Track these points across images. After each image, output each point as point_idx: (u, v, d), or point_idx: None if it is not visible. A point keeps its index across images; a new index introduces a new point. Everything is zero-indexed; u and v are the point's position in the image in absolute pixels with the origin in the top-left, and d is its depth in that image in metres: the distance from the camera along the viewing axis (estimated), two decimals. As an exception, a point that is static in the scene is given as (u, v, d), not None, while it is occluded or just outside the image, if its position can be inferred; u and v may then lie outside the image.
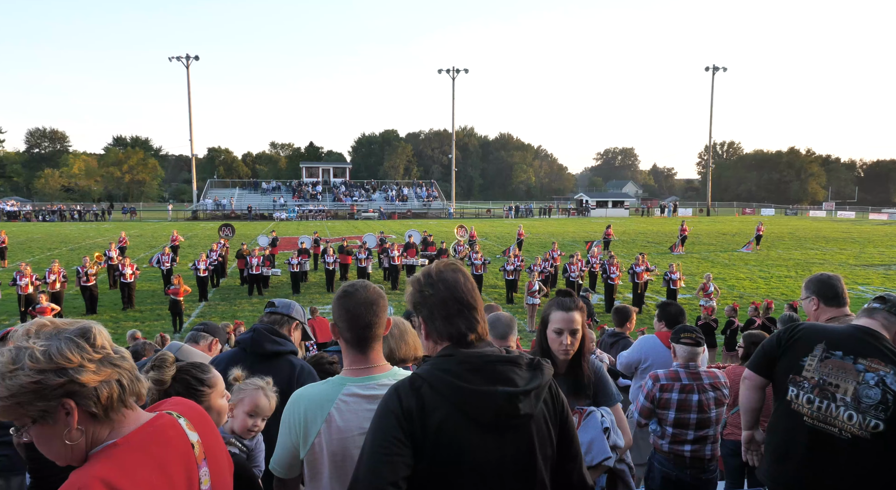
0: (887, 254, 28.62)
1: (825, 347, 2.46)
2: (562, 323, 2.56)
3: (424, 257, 21.24)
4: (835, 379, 2.40)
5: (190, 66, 60.47)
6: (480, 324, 1.69)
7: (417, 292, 1.73)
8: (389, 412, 1.54)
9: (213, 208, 58.16)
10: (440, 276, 1.72)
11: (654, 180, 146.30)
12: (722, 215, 66.99)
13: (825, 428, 2.39)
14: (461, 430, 1.51)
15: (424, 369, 1.60)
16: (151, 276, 20.14)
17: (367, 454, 1.51)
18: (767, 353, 2.67)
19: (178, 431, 1.37)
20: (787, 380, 2.52)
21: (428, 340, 1.72)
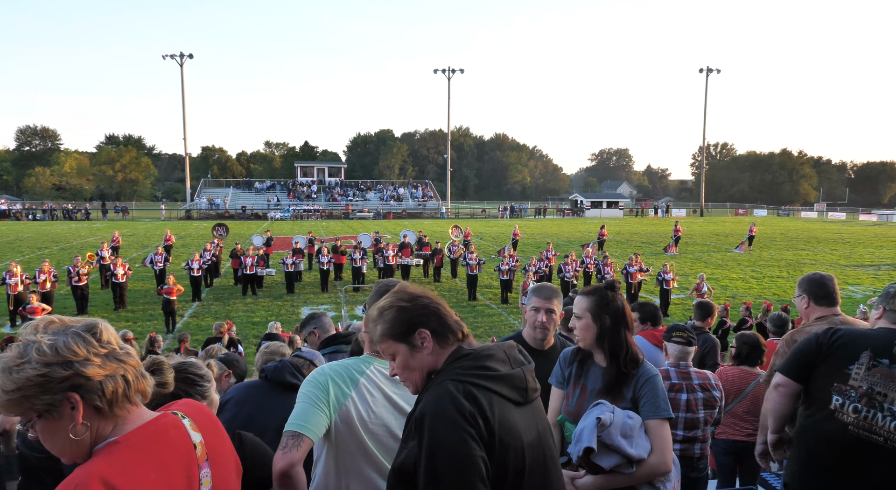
0: (877, 254, 28.83)
1: (871, 355, 2.37)
2: (538, 303, 2.90)
3: (419, 257, 21.25)
4: (883, 388, 2.33)
5: (184, 65, 60.25)
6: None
7: (415, 306, 1.68)
8: (456, 425, 1.45)
9: (206, 208, 57.93)
10: (410, 290, 1.74)
11: (649, 181, 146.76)
12: (715, 216, 67.28)
13: (869, 437, 2.32)
14: (510, 414, 1.56)
15: (456, 375, 1.57)
16: (144, 276, 20.05)
17: (448, 473, 1.42)
18: (806, 358, 2.55)
19: (181, 431, 1.38)
20: (832, 388, 2.42)
21: (443, 348, 1.66)
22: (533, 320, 2.94)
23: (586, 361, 2.54)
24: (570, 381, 2.54)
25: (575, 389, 2.51)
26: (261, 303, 17.05)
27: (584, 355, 2.55)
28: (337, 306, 16.65)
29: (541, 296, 2.96)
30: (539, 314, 2.92)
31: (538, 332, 2.95)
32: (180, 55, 59.64)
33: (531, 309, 2.95)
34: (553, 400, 2.60)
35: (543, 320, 2.92)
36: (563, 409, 2.53)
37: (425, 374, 1.65)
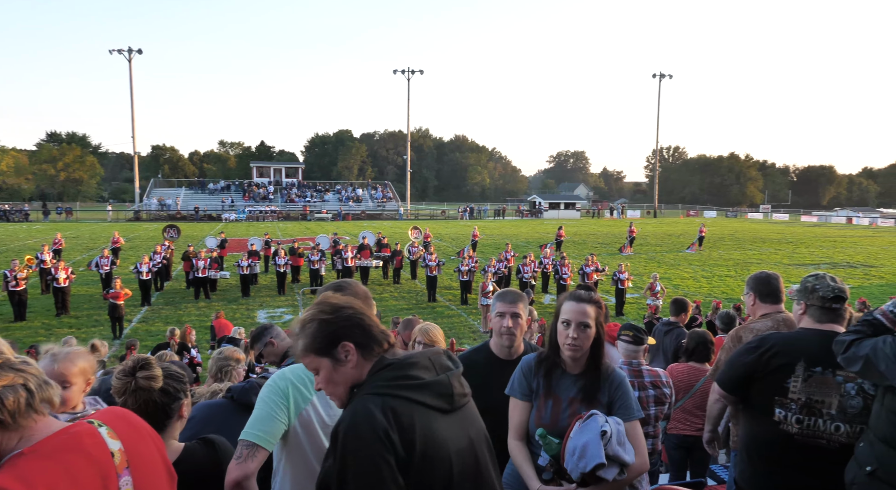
0: (817, 254, 30.18)
1: (806, 366, 2.45)
2: (571, 314, 2.37)
3: (378, 259, 21.11)
4: (819, 395, 2.43)
5: (132, 60, 58.32)
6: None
7: (337, 319, 1.61)
8: (367, 444, 1.42)
9: (156, 208, 56.15)
10: (332, 301, 1.68)
11: (605, 183, 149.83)
12: (668, 217, 69.20)
13: (814, 441, 2.43)
14: (434, 424, 1.52)
15: (376, 388, 1.53)
16: (89, 280, 19.27)
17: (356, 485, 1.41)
18: (742, 377, 2.63)
19: (97, 439, 1.33)
20: (773, 401, 2.51)
21: (367, 360, 1.62)
22: (498, 327, 2.82)
23: (554, 370, 2.42)
24: (538, 392, 2.42)
25: (547, 401, 2.39)
26: (214, 307, 16.60)
27: (550, 364, 2.43)
28: (294, 309, 16.37)
29: (504, 300, 2.85)
30: (504, 319, 2.80)
31: (504, 339, 2.83)
32: (128, 50, 57.71)
33: (496, 315, 2.83)
34: (516, 413, 2.45)
35: (509, 325, 2.79)
36: (535, 422, 2.39)
37: (349, 388, 1.59)
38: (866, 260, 27.54)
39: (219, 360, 3.88)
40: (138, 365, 1.96)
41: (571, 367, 2.40)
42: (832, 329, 2.52)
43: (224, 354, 3.92)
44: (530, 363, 2.48)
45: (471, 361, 2.74)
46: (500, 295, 2.90)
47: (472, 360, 2.78)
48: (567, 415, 2.36)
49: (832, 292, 2.53)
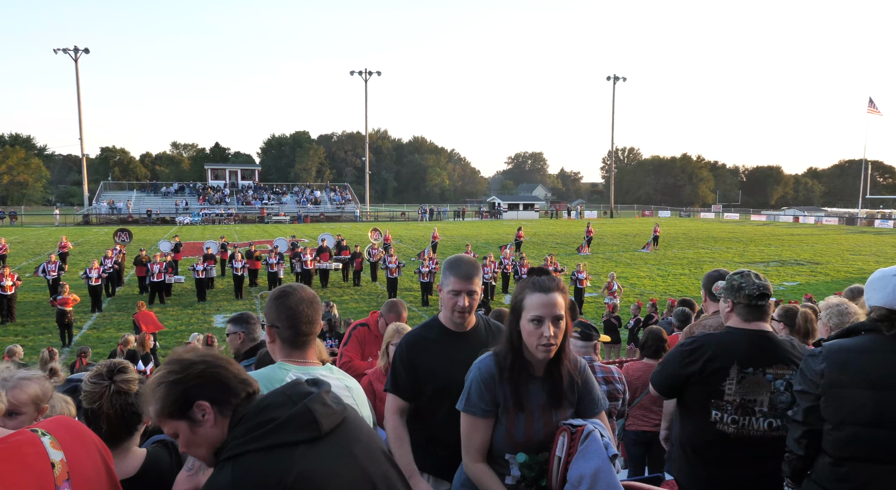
0: (766, 252, 31.37)
1: (739, 368, 2.51)
2: (541, 309, 1.96)
3: (338, 261, 20.91)
4: (752, 394, 2.51)
5: (79, 59, 56.18)
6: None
7: (188, 377, 1.46)
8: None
9: (107, 212, 54.22)
10: (183, 357, 1.53)
11: (562, 184, 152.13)
12: (624, 217, 70.72)
13: (749, 437, 2.52)
14: (307, 457, 1.40)
15: (232, 449, 1.40)
16: (35, 287, 18.48)
17: None
18: (677, 382, 2.67)
19: (37, 449, 1.29)
20: (710, 404, 2.56)
21: (226, 417, 1.47)
22: (452, 305, 2.46)
23: (520, 376, 2.04)
24: (505, 406, 2.02)
25: (518, 414, 2.02)
26: (169, 312, 16.15)
27: (517, 371, 2.04)
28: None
29: (459, 275, 2.45)
30: (460, 298, 2.44)
31: (457, 317, 2.49)
32: (74, 50, 55.57)
33: (449, 292, 2.46)
34: (477, 432, 2.05)
35: (464, 305, 2.44)
36: (506, 442, 2.03)
37: (212, 450, 1.46)
38: (812, 257, 28.76)
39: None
40: (115, 368, 1.92)
41: (537, 369, 2.07)
42: (759, 327, 2.58)
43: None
44: (491, 371, 2.05)
45: (421, 338, 2.56)
46: (452, 266, 2.48)
47: (422, 337, 2.56)
48: (540, 427, 2.03)
49: (758, 290, 2.57)
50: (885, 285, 2.13)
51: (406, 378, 2.52)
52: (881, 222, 56.78)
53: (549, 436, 2.03)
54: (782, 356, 2.53)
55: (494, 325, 2.67)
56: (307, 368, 1.96)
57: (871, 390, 2.02)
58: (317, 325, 2.01)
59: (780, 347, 2.55)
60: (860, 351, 2.11)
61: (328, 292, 18.83)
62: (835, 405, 2.09)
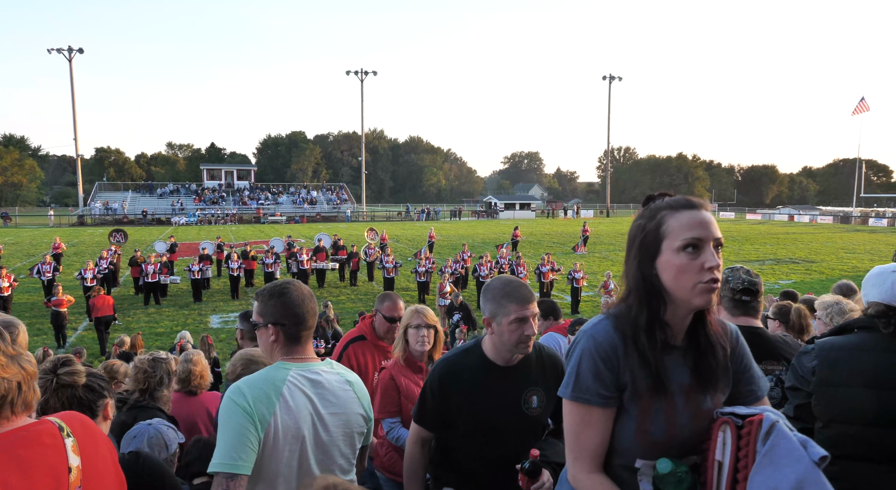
0: (762, 250, 31.47)
1: None
2: (696, 229, 1.41)
3: (335, 261, 20.89)
4: None
5: (73, 59, 55.97)
6: None
7: None
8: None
9: (102, 213, 54.05)
10: None
11: (559, 183, 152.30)
12: (620, 216, 70.84)
13: None
14: None
15: None
16: (30, 288, 18.41)
17: None
18: None
19: (56, 441, 1.27)
20: None
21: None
22: (518, 335, 2.08)
23: (655, 345, 1.44)
24: (635, 389, 1.44)
25: (655, 402, 1.43)
26: (165, 313, 16.11)
27: (654, 334, 1.45)
28: (248, 314, 16.00)
29: (520, 299, 2.09)
30: (526, 326, 2.08)
31: (523, 348, 2.12)
32: (68, 49, 55.36)
33: (512, 322, 2.07)
34: (592, 430, 1.47)
35: (533, 332, 2.11)
36: (639, 442, 1.45)
37: None
38: (808, 255, 28.86)
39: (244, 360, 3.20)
40: (59, 362, 1.90)
41: (676, 334, 1.48)
42: (747, 322, 2.55)
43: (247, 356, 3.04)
44: (612, 339, 1.46)
45: (459, 369, 2.22)
46: (507, 293, 2.11)
47: (460, 367, 2.23)
48: (687, 419, 1.44)
49: (741, 284, 2.55)
50: (883, 281, 2.12)
51: (434, 410, 2.24)
52: (875, 221, 57.04)
53: (701, 431, 1.45)
54: (772, 352, 2.51)
55: (549, 355, 2.30)
56: (308, 365, 1.95)
57: (869, 389, 1.99)
58: (312, 320, 2.01)
59: (769, 343, 2.54)
60: (854, 349, 2.07)
61: (325, 292, 18.80)
62: (826, 403, 2.06)
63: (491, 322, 2.15)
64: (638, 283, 1.49)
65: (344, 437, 1.96)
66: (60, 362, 1.89)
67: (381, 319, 3.57)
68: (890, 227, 53.11)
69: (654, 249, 1.45)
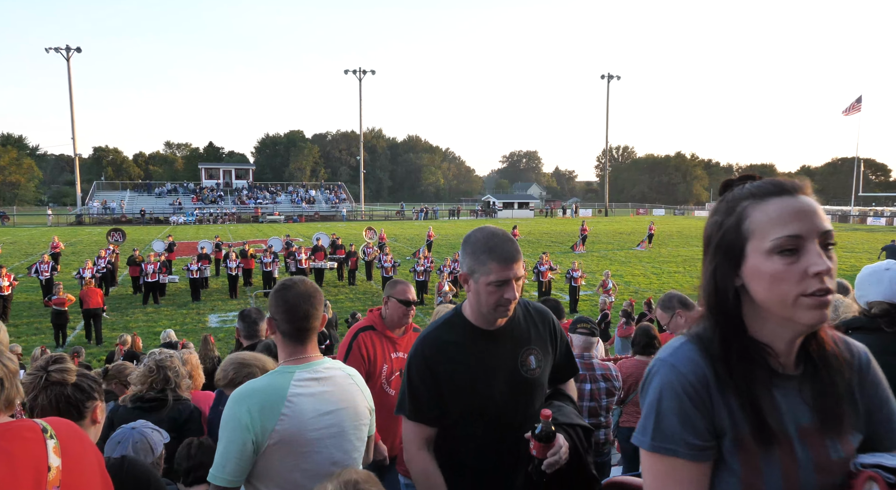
0: (761, 249, 31.52)
1: None
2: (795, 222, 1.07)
3: (333, 260, 20.89)
4: None
5: (71, 59, 55.86)
6: None
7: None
8: None
9: (100, 212, 53.96)
10: None
11: (557, 182, 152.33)
12: (618, 215, 70.88)
13: None
14: None
15: None
16: (28, 287, 18.39)
17: None
18: None
19: (38, 437, 1.26)
20: None
21: None
22: (496, 299, 1.82)
23: (757, 375, 1.11)
24: (734, 437, 1.09)
25: (765, 450, 1.07)
26: (163, 312, 16.11)
27: (751, 361, 1.11)
28: (247, 313, 15.99)
29: (502, 257, 1.80)
30: (506, 289, 1.81)
31: (500, 312, 1.86)
32: (66, 48, 55.24)
33: (490, 284, 1.81)
34: (675, 487, 1.10)
35: (513, 295, 1.83)
36: None
37: None
38: (804, 254, 28.89)
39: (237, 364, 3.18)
40: (51, 360, 1.90)
41: (783, 360, 1.13)
42: None
43: (239, 360, 3.05)
44: (700, 371, 1.12)
45: (442, 342, 1.94)
46: (489, 248, 1.82)
47: (442, 340, 1.94)
48: (811, 473, 1.08)
49: None
50: (880, 279, 2.10)
51: (429, 397, 1.91)
52: (874, 220, 57.12)
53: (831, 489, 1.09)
54: None
55: (535, 308, 2.07)
56: (311, 365, 1.97)
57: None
58: (317, 320, 1.98)
59: None
60: None
61: (323, 292, 18.71)
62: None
63: (468, 279, 1.88)
64: (716, 299, 1.14)
65: (354, 430, 2.00)
66: (52, 360, 1.90)
67: (395, 304, 3.39)
68: (888, 225, 53.21)
69: (737, 254, 1.10)
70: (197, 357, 3.89)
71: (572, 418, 1.97)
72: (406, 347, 3.49)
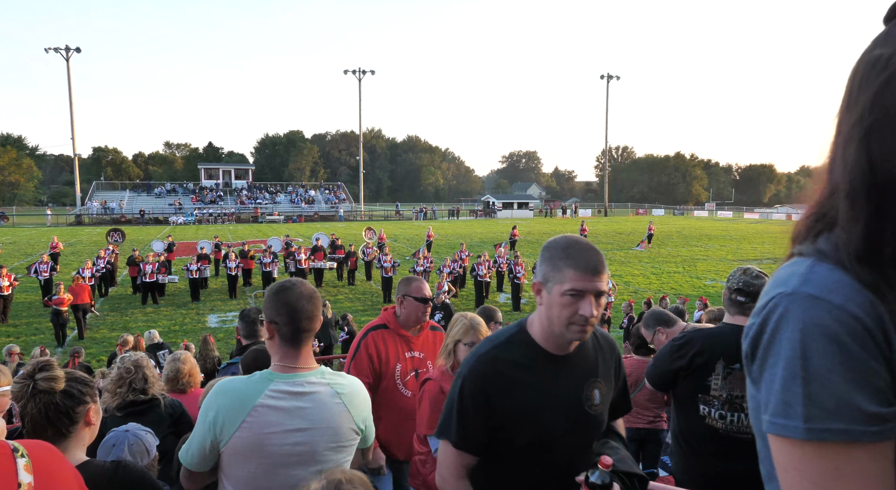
0: (759, 249, 31.53)
1: (725, 364, 2.49)
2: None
3: (332, 260, 20.89)
4: (740, 390, 2.48)
5: (70, 59, 55.83)
6: None
7: None
8: None
9: (99, 212, 53.93)
10: None
11: (557, 182, 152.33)
12: (618, 215, 70.88)
13: (739, 435, 2.50)
14: None
15: None
16: (27, 287, 18.38)
17: None
18: (666, 375, 2.69)
19: (6, 452, 1.26)
20: (697, 398, 2.57)
21: None
22: (570, 313, 1.59)
23: None
24: None
25: None
26: (163, 312, 16.10)
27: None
28: (246, 313, 16.00)
29: (583, 266, 1.58)
30: (584, 303, 1.58)
31: (575, 332, 1.62)
32: (66, 49, 55.22)
33: (565, 293, 1.58)
34: (849, 477, 0.68)
35: (591, 312, 1.58)
36: None
37: None
38: (803, 254, 28.89)
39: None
40: (37, 367, 1.86)
41: None
42: (742, 322, 2.53)
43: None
44: (862, 299, 0.71)
45: (503, 364, 1.72)
46: (570, 254, 1.61)
47: (504, 361, 1.72)
48: None
49: (737, 284, 2.55)
50: None
51: (479, 424, 1.70)
52: (873, 220, 57.12)
53: None
54: None
55: (602, 335, 1.90)
56: (296, 376, 1.89)
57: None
58: (317, 321, 1.95)
59: None
60: None
61: (322, 292, 18.81)
62: None
63: (541, 289, 1.66)
64: (871, 177, 0.74)
65: (329, 452, 1.91)
66: (39, 367, 1.84)
67: (412, 303, 3.24)
68: (887, 226, 53.19)
69: None
70: (192, 357, 3.96)
71: (630, 466, 1.78)
72: (422, 347, 3.39)
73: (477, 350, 1.78)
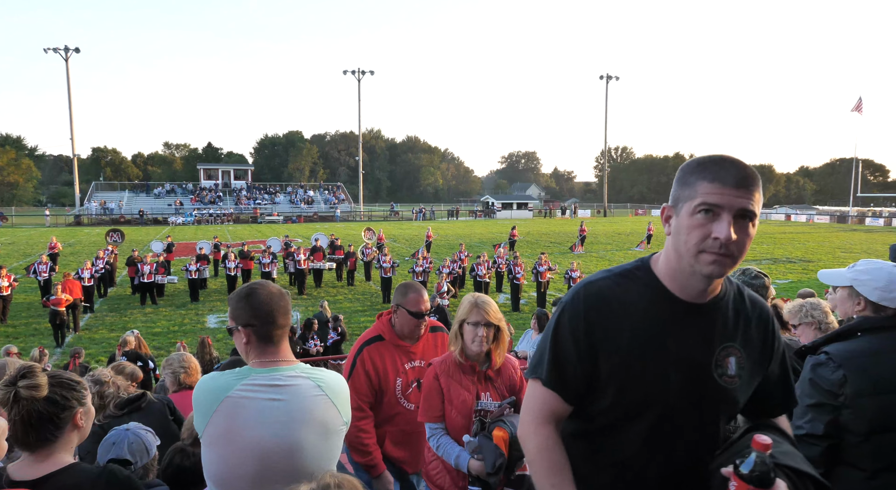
0: (758, 250, 31.53)
1: None
2: None
3: (332, 261, 20.89)
4: None
5: (69, 59, 55.83)
6: None
7: None
8: None
9: (98, 213, 53.91)
10: None
11: (556, 183, 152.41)
12: (617, 216, 70.92)
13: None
14: None
15: None
16: (26, 288, 18.36)
17: None
18: None
19: None
20: None
21: None
22: (701, 236, 1.30)
23: None
24: None
25: None
26: (161, 312, 16.08)
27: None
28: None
29: (725, 178, 1.28)
30: (719, 224, 1.27)
31: (704, 264, 1.30)
32: (65, 49, 55.24)
33: (697, 209, 1.32)
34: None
35: (728, 236, 1.26)
36: None
37: None
38: (804, 255, 28.92)
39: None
40: (19, 373, 1.82)
41: None
42: None
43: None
44: None
45: (616, 297, 1.42)
46: (706, 168, 1.34)
47: (618, 295, 1.42)
48: None
49: None
50: (890, 279, 2.05)
51: (577, 363, 1.39)
52: (872, 220, 57.21)
53: None
54: None
55: (753, 301, 1.50)
56: (275, 370, 1.86)
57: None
58: (290, 316, 1.96)
59: None
60: (878, 353, 1.95)
61: (322, 292, 18.80)
62: (864, 415, 1.90)
63: (670, 215, 1.41)
64: None
65: (313, 445, 1.85)
66: (21, 374, 1.80)
67: (404, 316, 3.00)
68: (886, 226, 53.31)
69: None
70: (195, 360, 4.09)
71: (800, 464, 1.31)
72: (423, 353, 3.10)
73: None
